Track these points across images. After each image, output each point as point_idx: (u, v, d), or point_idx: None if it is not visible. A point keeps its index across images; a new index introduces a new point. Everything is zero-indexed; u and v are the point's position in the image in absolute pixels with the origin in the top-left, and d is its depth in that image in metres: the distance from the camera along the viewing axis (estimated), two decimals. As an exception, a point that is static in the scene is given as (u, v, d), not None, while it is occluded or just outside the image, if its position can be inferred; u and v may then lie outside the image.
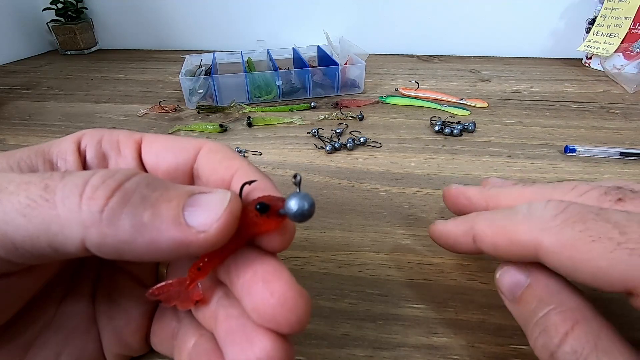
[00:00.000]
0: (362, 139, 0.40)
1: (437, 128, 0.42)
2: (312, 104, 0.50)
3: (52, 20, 0.79)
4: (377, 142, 0.40)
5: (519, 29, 0.74)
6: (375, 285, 0.23)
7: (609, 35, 0.61)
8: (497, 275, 0.18)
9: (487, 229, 0.17)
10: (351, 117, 0.47)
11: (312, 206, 0.13)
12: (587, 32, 0.64)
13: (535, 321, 0.15)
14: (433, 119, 0.45)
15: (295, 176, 0.13)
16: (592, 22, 0.63)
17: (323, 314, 0.21)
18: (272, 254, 0.14)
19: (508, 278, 0.17)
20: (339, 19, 0.78)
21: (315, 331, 0.20)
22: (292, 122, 0.46)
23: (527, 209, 0.16)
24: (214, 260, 0.14)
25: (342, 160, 0.37)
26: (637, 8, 0.57)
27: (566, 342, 0.14)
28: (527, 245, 0.15)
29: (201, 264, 0.14)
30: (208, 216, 0.12)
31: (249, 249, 0.14)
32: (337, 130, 0.42)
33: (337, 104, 0.50)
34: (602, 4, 0.62)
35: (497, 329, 0.20)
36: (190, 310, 0.16)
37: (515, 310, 0.17)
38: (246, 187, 0.14)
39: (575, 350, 0.13)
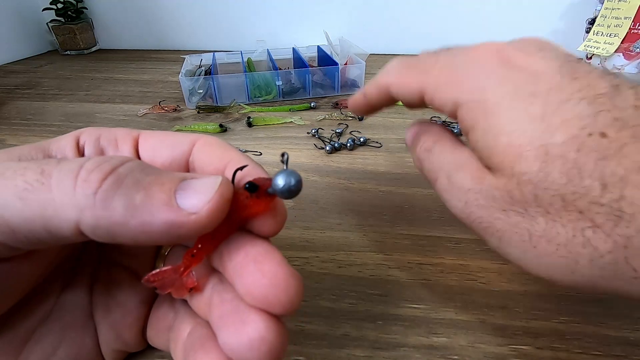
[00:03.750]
0: (362, 139, 0.40)
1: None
2: (312, 104, 0.50)
3: (52, 20, 0.79)
4: (377, 142, 0.40)
5: (519, 29, 0.74)
6: (375, 285, 0.23)
7: (609, 35, 0.61)
8: (406, 137, 0.22)
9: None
10: (351, 117, 0.47)
11: (298, 182, 0.13)
12: (587, 32, 0.64)
13: (417, 151, 0.20)
14: (433, 119, 0.45)
15: (282, 154, 0.13)
16: (592, 22, 0.63)
17: (323, 314, 0.21)
18: (264, 238, 0.14)
19: (409, 134, 0.21)
20: (339, 19, 0.78)
21: (315, 331, 0.20)
22: (292, 122, 0.46)
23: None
24: (208, 247, 0.14)
25: (342, 160, 0.37)
26: (637, 8, 0.57)
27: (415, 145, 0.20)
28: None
29: (195, 251, 0.14)
30: (200, 198, 0.12)
31: (241, 234, 0.14)
32: (337, 130, 0.42)
33: (337, 104, 0.50)
34: (602, 4, 0.62)
35: (497, 329, 0.20)
36: (186, 302, 0.16)
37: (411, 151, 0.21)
38: (238, 174, 0.14)
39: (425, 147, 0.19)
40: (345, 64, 0.54)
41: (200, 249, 0.14)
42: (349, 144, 0.39)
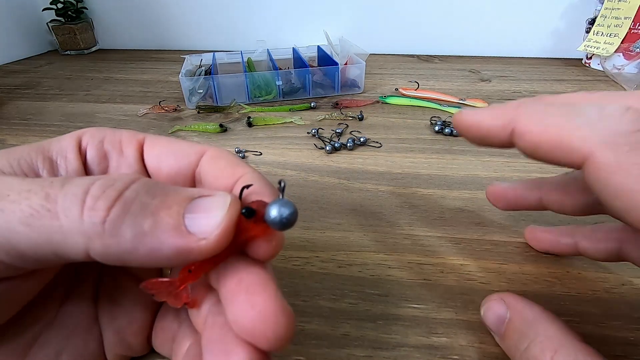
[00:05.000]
0: (362, 139, 0.40)
1: (437, 128, 0.42)
2: (312, 104, 0.50)
3: (52, 20, 0.79)
4: (377, 142, 0.40)
5: (519, 29, 0.74)
6: (375, 285, 0.23)
7: (609, 35, 0.61)
8: (482, 312, 0.19)
9: (535, 126, 0.14)
10: (351, 117, 0.47)
11: (292, 214, 0.12)
12: (587, 32, 0.64)
13: (519, 356, 0.16)
14: (433, 119, 0.45)
15: (279, 182, 0.13)
16: (592, 22, 0.63)
17: (323, 314, 0.21)
18: (261, 263, 0.14)
19: (491, 314, 0.18)
20: (339, 19, 0.78)
21: (315, 331, 0.20)
22: (292, 122, 0.46)
23: (599, 112, 0.13)
24: (206, 266, 0.13)
25: (342, 160, 0.37)
26: (637, 8, 0.57)
27: None
28: (577, 155, 0.13)
29: (192, 267, 0.13)
30: (209, 222, 0.12)
31: (238, 258, 0.14)
32: (337, 130, 0.42)
33: (337, 104, 0.50)
34: (602, 4, 0.62)
35: (497, 329, 0.20)
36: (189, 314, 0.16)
37: (504, 346, 0.18)
38: (245, 191, 0.14)
39: None
40: (345, 64, 0.54)
41: (198, 266, 0.13)
42: (349, 144, 0.39)
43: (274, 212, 0.12)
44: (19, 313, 0.15)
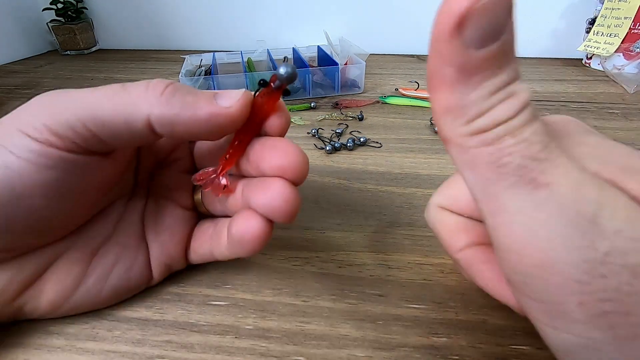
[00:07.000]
0: (362, 139, 0.40)
1: (437, 128, 0.42)
2: (312, 104, 0.50)
3: (52, 20, 0.79)
4: (377, 142, 0.40)
5: (519, 29, 0.73)
6: (375, 285, 0.23)
7: (609, 35, 0.61)
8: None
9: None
10: (351, 117, 0.47)
11: (294, 69, 0.18)
12: (587, 32, 0.64)
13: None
14: (433, 119, 0.45)
15: (284, 58, 0.15)
16: (592, 22, 0.63)
17: (323, 314, 0.21)
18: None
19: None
20: (339, 19, 0.78)
21: (315, 331, 0.20)
22: (292, 122, 0.46)
23: None
24: (236, 151, 0.19)
25: (342, 160, 0.37)
26: (637, 8, 0.57)
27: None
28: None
29: (227, 155, 0.19)
30: (232, 98, 0.17)
31: (260, 140, 0.19)
32: (337, 130, 0.42)
33: (337, 104, 0.50)
34: (602, 4, 0.62)
35: (497, 329, 0.20)
36: (222, 217, 0.22)
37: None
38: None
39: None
40: (346, 64, 0.54)
41: (232, 152, 0.19)
42: (349, 144, 0.39)
43: (282, 69, 0.18)
44: (88, 223, 0.20)
